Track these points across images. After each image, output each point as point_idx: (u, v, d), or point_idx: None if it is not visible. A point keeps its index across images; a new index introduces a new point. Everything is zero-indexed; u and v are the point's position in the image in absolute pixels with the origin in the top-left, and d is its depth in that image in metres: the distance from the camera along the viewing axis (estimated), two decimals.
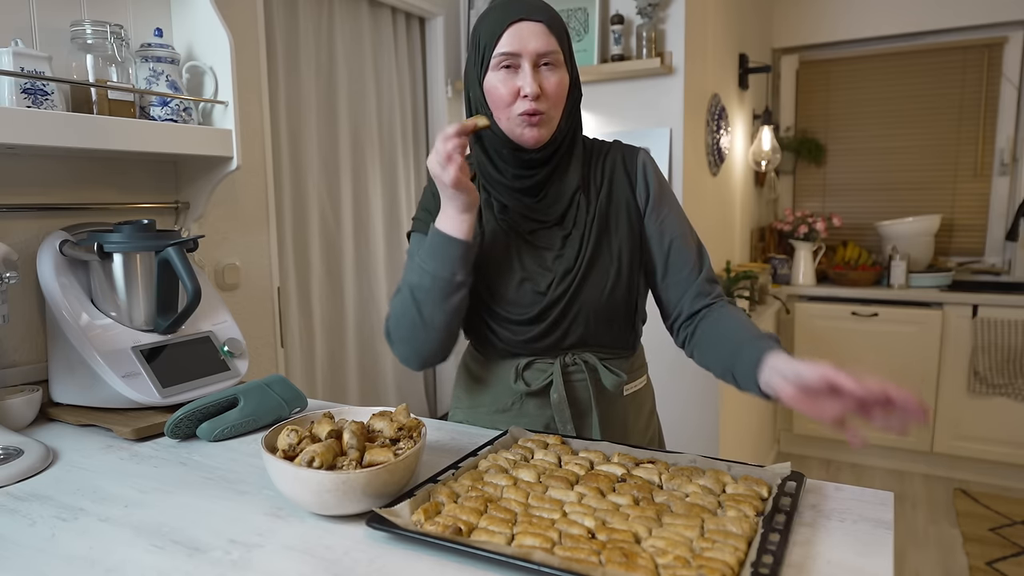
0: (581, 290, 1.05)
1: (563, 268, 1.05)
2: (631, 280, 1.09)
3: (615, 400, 1.14)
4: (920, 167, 3.75)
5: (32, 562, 0.72)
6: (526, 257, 1.07)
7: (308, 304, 2.10)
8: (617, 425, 1.15)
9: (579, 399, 1.11)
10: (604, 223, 1.08)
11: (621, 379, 1.10)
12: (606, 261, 1.07)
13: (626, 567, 0.63)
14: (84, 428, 1.16)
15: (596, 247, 1.06)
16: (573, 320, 1.07)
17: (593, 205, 1.08)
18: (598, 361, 1.10)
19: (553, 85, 0.99)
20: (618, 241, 1.07)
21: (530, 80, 0.97)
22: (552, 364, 1.09)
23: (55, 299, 1.17)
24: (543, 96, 0.99)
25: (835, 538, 0.73)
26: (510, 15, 0.98)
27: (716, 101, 2.83)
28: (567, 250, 1.06)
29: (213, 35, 1.42)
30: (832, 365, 0.78)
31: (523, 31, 0.97)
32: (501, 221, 1.09)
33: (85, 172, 1.37)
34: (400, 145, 2.43)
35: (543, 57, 0.98)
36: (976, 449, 3.24)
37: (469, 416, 1.19)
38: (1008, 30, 3.48)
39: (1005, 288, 3.37)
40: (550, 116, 1.01)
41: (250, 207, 1.78)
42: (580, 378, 1.10)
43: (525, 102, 0.99)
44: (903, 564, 2.57)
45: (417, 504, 0.77)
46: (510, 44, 0.98)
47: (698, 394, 2.46)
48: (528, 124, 1.00)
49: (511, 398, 1.13)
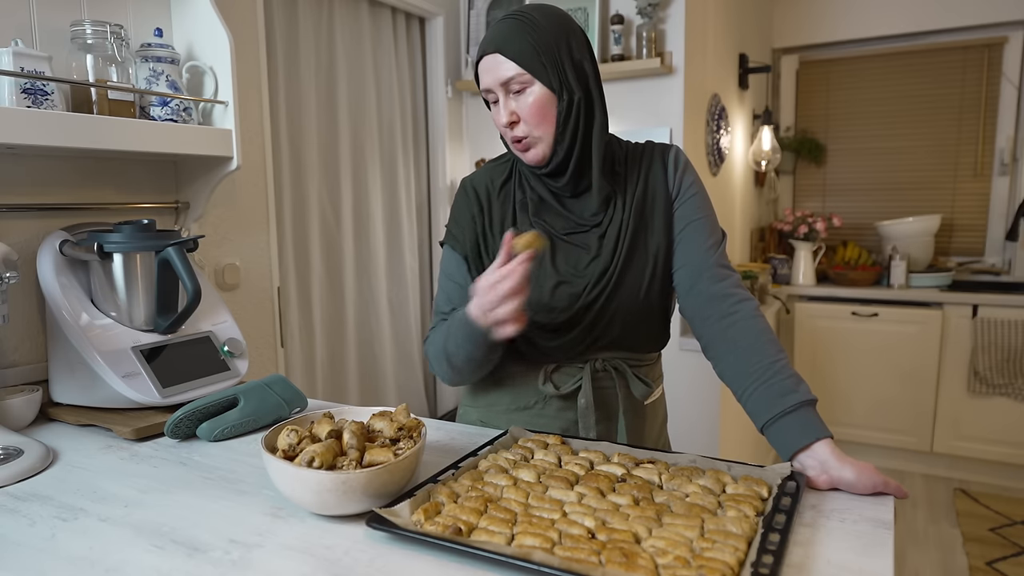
0: (617, 292, 1.04)
1: (599, 270, 1.04)
2: (665, 278, 1.07)
3: (638, 407, 1.13)
4: (920, 167, 3.75)
5: (32, 562, 0.72)
6: (561, 260, 1.06)
7: (308, 304, 2.10)
8: (634, 434, 1.14)
9: (607, 405, 1.09)
10: (640, 219, 1.06)
11: (650, 389, 1.09)
12: (642, 259, 1.05)
13: (626, 567, 0.63)
14: (84, 428, 1.16)
15: (632, 245, 1.05)
16: (608, 323, 1.05)
17: (629, 203, 1.06)
18: (628, 368, 1.08)
19: (527, 107, 1.00)
20: (656, 237, 1.06)
21: (502, 110, 1.01)
22: (582, 369, 1.08)
23: (55, 299, 1.17)
24: (521, 121, 1.01)
25: (835, 538, 0.73)
26: (480, 51, 1.03)
27: (716, 101, 2.83)
28: (603, 251, 1.05)
29: (213, 35, 1.42)
30: (878, 475, 0.82)
31: (486, 66, 1.01)
32: (536, 223, 1.08)
33: (85, 172, 1.37)
34: (400, 145, 2.43)
35: (510, 83, 1.00)
36: (976, 449, 3.24)
37: (484, 415, 1.16)
38: (1008, 30, 3.48)
39: (1005, 288, 3.37)
40: (535, 137, 1.02)
41: (250, 207, 1.78)
42: (608, 385, 1.09)
43: (508, 130, 1.03)
44: (903, 564, 2.57)
45: (417, 504, 0.77)
46: (483, 81, 1.03)
47: (698, 394, 2.46)
48: (519, 149, 1.04)
49: (534, 398, 1.11)
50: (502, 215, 1.10)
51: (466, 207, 1.12)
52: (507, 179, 1.12)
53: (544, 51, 0.99)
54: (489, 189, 1.12)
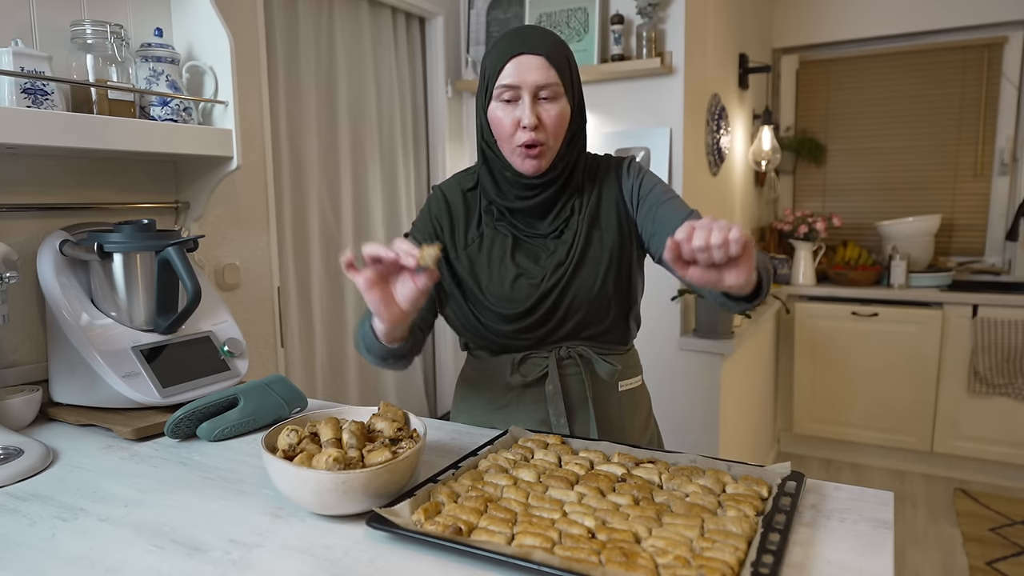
0: (574, 280, 1.09)
1: (555, 262, 1.09)
2: (622, 273, 1.11)
3: (610, 394, 1.16)
4: (920, 167, 3.75)
5: (32, 562, 0.72)
6: (521, 256, 1.11)
7: (308, 304, 2.10)
8: (614, 422, 1.16)
9: (574, 391, 1.13)
10: (594, 220, 1.11)
11: (615, 368, 1.12)
12: (596, 253, 1.10)
13: (626, 567, 0.63)
14: (84, 428, 1.16)
15: (587, 242, 1.10)
16: (567, 309, 1.09)
17: (585, 207, 1.12)
18: (592, 352, 1.12)
19: (552, 117, 1.03)
20: (609, 237, 1.11)
21: (528, 112, 1.02)
22: (547, 358, 1.12)
23: (55, 299, 1.17)
24: (541, 127, 1.03)
25: (835, 538, 0.73)
26: (512, 48, 1.02)
27: (716, 101, 2.83)
28: (560, 248, 1.10)
29: (213, 35, 1.42)
30: None
31: (524, 64, 1.01)
32: (500, 226, 1.13)
33: (85, 172, 1.37)
34: (400, 145, 2.43)
35: (542, 89, 1.02)
36: (976, 449, 3.24)
37: (467, 418, 1.22)
38: (1008, 30, 3.48)
39: (1005, 288, 3.36)
40: (549, 147, 1.05)
41: (250, 207, 1.78)
42: (575, 371, 1.13)
43: (525, 133, 1.03)
44: (903, 564, 2.57)
45: (417, 504, 0.77)
46: (511, 77, 1.02)
47: (698, 394, 2.46)
48: (527, 155, 1.05)
49: (507, 395, 1.15)
50: (468, 218, 1.15)
51: (431, 212, 1.18)
52: (472, 187, 1.17)
53: (574, 70, 1.07)
54: (456, 195, 1.18)
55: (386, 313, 0.90)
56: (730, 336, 2.43)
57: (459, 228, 1.15)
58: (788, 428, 3.66)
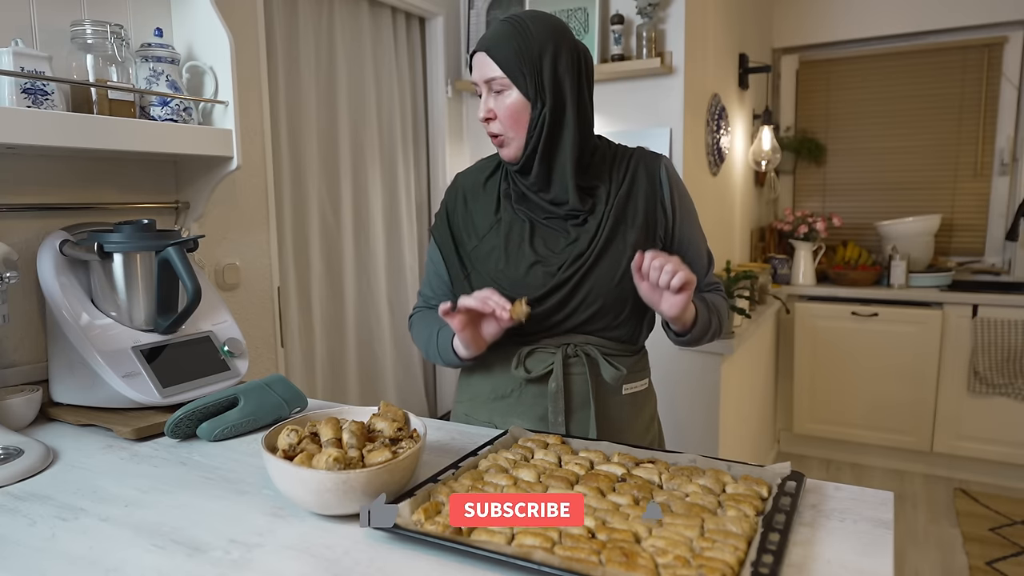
0: (592, 273, 1.09)
1: (575, 252, 1.09)
2: None
3: (613, 397, 1.15)
4: (920, 167, 3.75)
5: (32, 562, 0.72)
6: (539, 242, 1.12)
7: (308, 304, 2.10)
8: (614, 424, 1.16)
9: (577, 392, 1.13)
10: (621, 215, 1.12)
11: (620, 373, 1.11)
12: (619, 248, 1.10)
13: (626, 567, 0.63)
14: (84, 428, 1.16)
15: (611, 235, 1.10)
16: (581, 302, 1.09)
17: (612, 198, 1.12)
18: (599, 354, 1.11)
19: (503, 108, 1.08)
20: (634, 233, 1.11)
21: (481, 105, 1.10)
22: (555, 354, 1.12)
23: (55, 299, 1.17)
24: (495, 119, 1.09)
25: (835, 538, 0.73)
26: (473, 49, 1.10)
27: (716, 101, 2.83)
28: (582, 237, 1.10)
29: (213, 35, 1.42)
30: None
31: (476, 61, 1.09)
32: (518, 210, 1.14)
33: (85, 172, 1.37)
34: (400, 145, 2.43)
35: (491, 83, 1.07)
36: (976, 449, 3.24)
37: (468, 408, 1.22)
38: (1008, 30, 3.48)
39: (1005, 288, 3.36)
40: (508, 137, 1.09)
41: (250, 207, 1.78)
42: (580, 371, 1.12)
43: (485, 125, 1.11)
44: (903, 564, 2.58)
45: (417, 504, 0.77)
46: (473, 76, 1.11)
47: (698, 394, 2.46)
48: (495, 144, 1.12)
49: (510, 386, 1.15)
50: (486, 204, 1.17)
51: (445, 205, 1.22)
52: (494, 171, 1.20)
53: (526, 60, 1.05)
54: (476, 182, 1.21)
55: (473, 345, 1.08)
56: (730, 336, 2.43)
57: (477, 213, 1.17)
58: (788, 428, 3.66)
